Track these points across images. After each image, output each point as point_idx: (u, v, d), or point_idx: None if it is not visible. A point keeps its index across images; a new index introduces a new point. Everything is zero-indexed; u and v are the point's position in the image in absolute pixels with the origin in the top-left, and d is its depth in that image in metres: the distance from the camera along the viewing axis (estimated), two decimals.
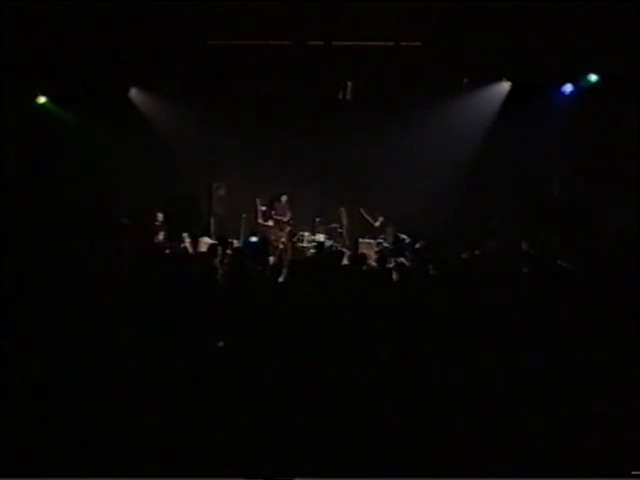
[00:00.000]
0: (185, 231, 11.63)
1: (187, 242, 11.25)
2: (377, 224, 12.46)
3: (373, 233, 12.41)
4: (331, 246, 11.86)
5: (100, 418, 5.34)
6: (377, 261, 8.86)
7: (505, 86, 12.01)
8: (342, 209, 12.73)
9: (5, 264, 7.05)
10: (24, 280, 6.87)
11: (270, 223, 12.49)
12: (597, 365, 5.96)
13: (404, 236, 11.40)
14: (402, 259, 9.90)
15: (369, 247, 11.82)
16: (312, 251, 11.77)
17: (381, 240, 12.21)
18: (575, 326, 6.37)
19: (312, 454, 4.96)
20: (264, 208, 12.55)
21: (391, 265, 9.27)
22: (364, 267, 8.27)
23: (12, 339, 5.90)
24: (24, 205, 10.82)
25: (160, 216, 11.77)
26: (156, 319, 6.43)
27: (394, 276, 7.94)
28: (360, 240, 12.28)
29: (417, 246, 10.49)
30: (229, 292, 6.92)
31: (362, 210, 12.58)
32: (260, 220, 12.52)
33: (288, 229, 12.45)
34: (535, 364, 6.01)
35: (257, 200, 12.52)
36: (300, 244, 12.33)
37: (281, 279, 7.69)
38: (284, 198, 12.59)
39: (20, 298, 6.43)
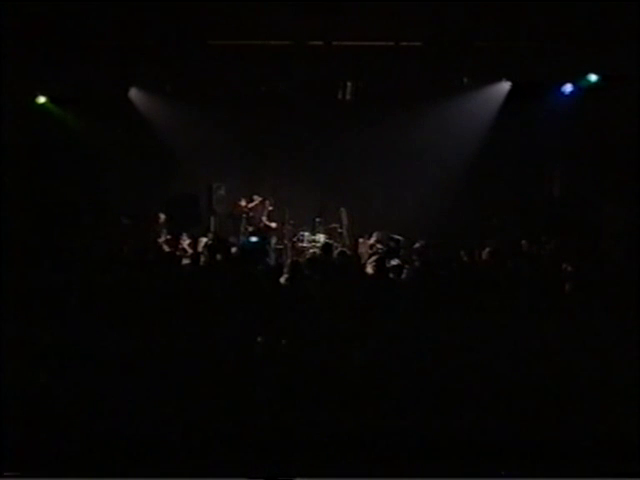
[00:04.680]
0: (185, 231, 11.63)
1: (186, 243, 11.25)
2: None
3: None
4: (332, 246, 11.86)
5: (100, 418, 5.35)
6: (376, 262, 8.83)
7: (505, 86, 11.99)
8: (342, 209, 12.72)
9: (5, 264, 7.05)
10: (24, 280, 6.87)
11: (273, 225, 12.49)
12: (597, 364, 5.96)
13: (398, 237, 11.36)
14: (396, 260, 9.83)
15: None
16: (313, 251, 11.74)
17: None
18: (575, 325, 6.37)
19: (312, 454, 4.96)
20: (271, 208, 12.54)
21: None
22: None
23: (12, 339, 5.90)
24: (24, 205, 10.81)
25: (162, 217, 11.77)
26: (157, 320, 6.44)
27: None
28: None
29: (416, 246, 10.44)
30: (230, 292, 6.92)
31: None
32: (264, 219, 12.51)
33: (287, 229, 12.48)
34: (535, 364, 6.01)
35: (266, 201, 12.51)
36: (300, 244, 12.32)
37: (282, 280, 7.67)
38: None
39: (20, 298, 6.43)
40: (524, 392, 5.67)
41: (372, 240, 11.93)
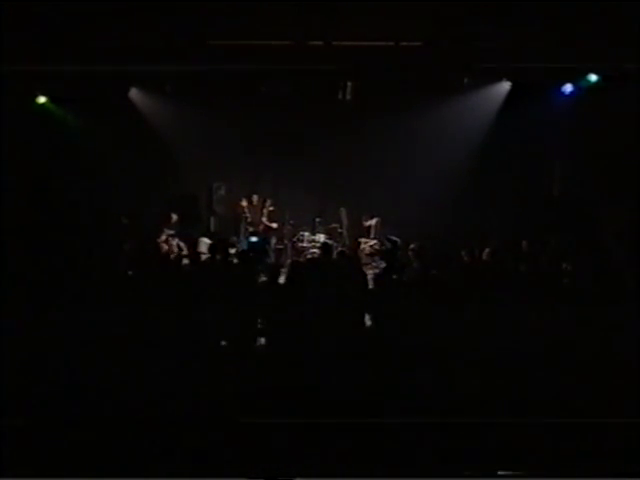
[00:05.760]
0: (186, 231, 11.67)
1: (174, 243, 11.28)
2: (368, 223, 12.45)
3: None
4: (331, 246, 11.90)
5: (101, 418, 5.35)
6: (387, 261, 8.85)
7: (505, 86, 12.01)
8: (342, 209, 12.73)
9: (5, 264, 7.05)
10: (24, 280, 6.87)
11: (274, 225, 12.49)
12: (597, 364, 5.97)
13: (395, 238, 11.38)
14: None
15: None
16: (313, 251, 11.75)
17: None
18: (575, 325, 6.38)
19: (312, 454, 4.97)
20: (272, 208, 12.54)
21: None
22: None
23: (12, 340, 5.91)
24: (24, 205, 10.81)
25: (174, 217, 11.79)
26: (156, 319, 6.44)
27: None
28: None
29: (411, 246, 10.46)
30: (230, 292, 6.92)
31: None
32: (264, 219, 12.51)
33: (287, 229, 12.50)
34: (535, 363, 6.02)
35: (268, 201, 12.51)
36: (300, 244, 12.32)
37: (282, 280, 7.67)
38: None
39: (20, 298, 6.43)
40: (524, 392, 5.67)
41: (373, 222, 12.03)
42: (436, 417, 5.38)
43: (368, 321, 6.84)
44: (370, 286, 7.68)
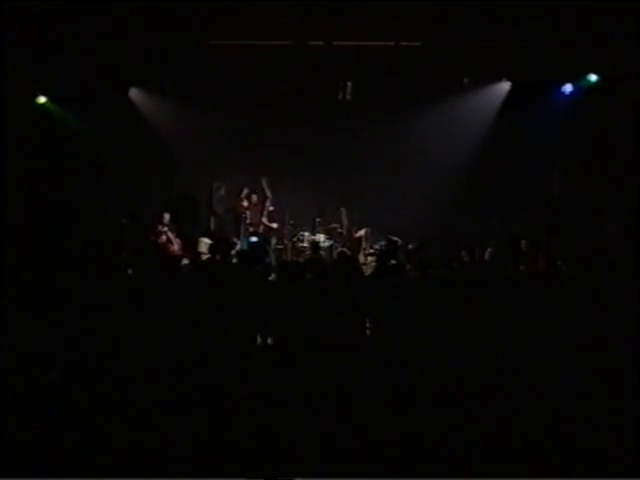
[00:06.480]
0: (186, 231, 11.67)
1: (164, 237, 11.27)
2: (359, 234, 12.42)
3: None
4: (331, 246, 11.92)
5: (101, 419, 5.35)
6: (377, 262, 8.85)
7: (505, 86, 12.01)
8: (342, 209, 12.72)
9: (5, 264, 7.06)
10: (23, 280, 6.87)
11: (274, 225, 12.48)
12: (597, 364, 5.97)
13: (396, 238, 11.38)
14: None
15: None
16: (309, 252, 11.76)
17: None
18: (575, 326, 6.38)
19: (312, 454, 4.97)
20: (272, 208, 12.53)
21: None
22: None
23: (12, 340, 5.91)
24: (24, 205, 10.82)
25: (167, 216, 11.78)
26: (156, 320, 6.44)
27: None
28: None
29: (409, 247, 10.45)
30: (231, 292, 6.93)
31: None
32: (264, 219, 12.50)
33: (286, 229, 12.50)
34: (535, 363, 6.01)
35: (268, 200, 12.50)
36: (300, 244, 12.32)
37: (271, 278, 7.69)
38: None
39: (19, 298, 6.43)
40: (524, 392, 5.67)
41: (362, 232, 12.04)
42: (434, 417, 5.39)
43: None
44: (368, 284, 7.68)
